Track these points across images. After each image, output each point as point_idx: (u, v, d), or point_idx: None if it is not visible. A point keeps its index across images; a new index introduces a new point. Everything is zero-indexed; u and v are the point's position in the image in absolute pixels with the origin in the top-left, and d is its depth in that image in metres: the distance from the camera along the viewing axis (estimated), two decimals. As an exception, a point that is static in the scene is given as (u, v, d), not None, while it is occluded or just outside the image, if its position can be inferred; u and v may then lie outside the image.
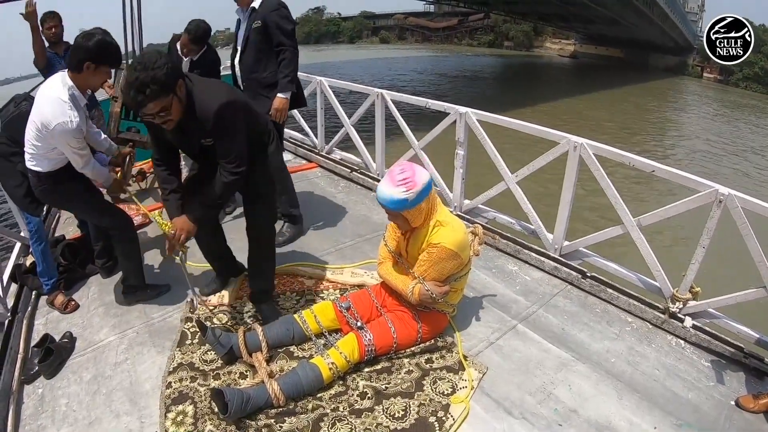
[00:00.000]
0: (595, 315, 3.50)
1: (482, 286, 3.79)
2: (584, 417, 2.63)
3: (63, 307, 3.64)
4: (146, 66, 2.45)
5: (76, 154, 3.10)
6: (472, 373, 2.87)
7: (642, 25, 42.62)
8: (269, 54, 4.17)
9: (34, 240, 3.68)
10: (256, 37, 4.13)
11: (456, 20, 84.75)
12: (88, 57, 2.92)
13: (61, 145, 3.01)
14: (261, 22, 4.08)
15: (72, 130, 2.92)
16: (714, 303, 3.30)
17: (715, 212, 3.12)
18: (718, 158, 19.62)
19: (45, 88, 3.02)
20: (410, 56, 62.78)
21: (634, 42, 50.65)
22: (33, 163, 3.11)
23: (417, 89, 33.60)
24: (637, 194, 12.08)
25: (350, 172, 6.04)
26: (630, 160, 3.55)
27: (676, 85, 41.53)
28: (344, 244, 4.44)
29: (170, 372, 2.96)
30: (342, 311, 3.13)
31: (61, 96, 2.92)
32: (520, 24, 69.32)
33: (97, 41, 2.92)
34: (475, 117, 4.54)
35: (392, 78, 41.71)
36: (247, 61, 4.23)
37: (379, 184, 2.83)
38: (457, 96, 29.55)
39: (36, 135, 2.98)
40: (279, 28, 4.08)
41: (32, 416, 2.77)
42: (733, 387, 2.90)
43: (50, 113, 2.89)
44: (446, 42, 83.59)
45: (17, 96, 3.57)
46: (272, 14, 4.06)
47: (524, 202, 4.33)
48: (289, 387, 2.69)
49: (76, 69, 2.96)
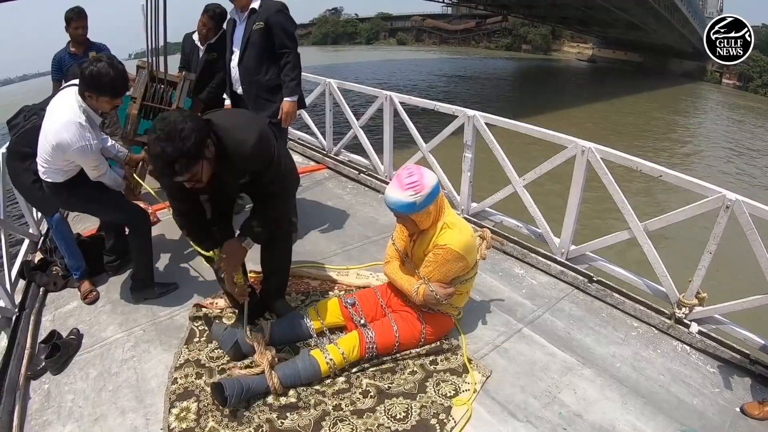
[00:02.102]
0: (601, 319, 3.49)
1: (488, 289, 3.79)
2: (589, 421, 2.62)
3: (85, 296, 3.70)
4: (171, 136, 2.27)
5: (93, 169, 3.19)
6: (476, 376, 2.87)
7: (661, 30, 42.09)
8: (271, 56, 4.06)
9: (57, 233, 3.73)
10: (258, 39, 4.00)
11: (473, 23, 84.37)
12: (85, 88, 3.00)
13: (80, 162, 3.11)
14: (263, 24, 3.95)
15: (91, 152, 3.03)
16: (720, 309, 3.29)
17: (722, 218, 3.11)
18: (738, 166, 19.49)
19: (59, 107, 3.06)
20: (427, 58, 62.66)
21: (653, 47, 50.13)
22: (47, 176, 3.18)
23: (432, 93, 33.59)
24: (644, 199, 12.08)
25: (358, 173, 6.04)
26: (638, 164, 3.54)
27: (695, 92, 40.80)
28: (351, 246, 4.44)
29: (176, 368, 2.98)
30: (347, 307, 3.14)
31: (78, 119, 2.98)
32: (539, 27, 69.04)
33: (89, 73, 2.96)
34: (483, 120, 4.53)
35: (408, 80, 41.77)
36: (249, 64, 4.09)
37: (387, 188, 2.84)
38: (472, 101, 29.37)
39: (51, 153, 3.04)
40: (283, 30, 3.99)
41: (38, 411, 2.79)
42: (739, 393, 2.88)
43: (68, 138, 2.95)
44: (463, 44, 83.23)
45: (26, 108, 3.61)
46: (276, 15, 3.96)
47: (531, 205, 4.33)
48: (288, 376, 2.74)
49: (81, 95, 3.04)
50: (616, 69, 52.13)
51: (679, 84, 42.70)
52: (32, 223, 4.77)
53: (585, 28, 56.89)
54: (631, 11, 38.05)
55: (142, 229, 3.58)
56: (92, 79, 2.96)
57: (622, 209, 3.65)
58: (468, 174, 4.75)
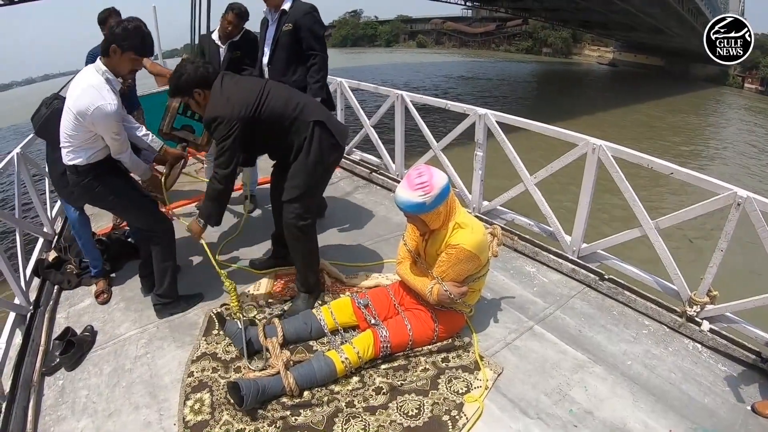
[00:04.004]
0: (613, 317, 3.48)
1: (500, 287, 3.79)
2: (600, 419, 2.62)
3: (97, 295, 3.73)
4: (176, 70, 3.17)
5: (114, 139, 3.09)
6: (487, 373, 2.88)
7: (685, 34, 41.33)
8: (299, 57, 4.17)
9: (76, 230, 3.79)
10: (287, 40, 4.12)
11: (494, 26, 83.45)
12: (113, 40, 2.93)
13: (101, 130, 3.01)
14: (292, 25, 4.06)
15: (112, 112, 2.94)
16: (732, 307, 3.27)
17: (734, 215, 3.10)
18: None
19: (78, 79, 3.02)
20: (447, 61, 62.37)
21: (675, 50, 49.12)
22: (70, 157, 3.09)
23: (452, 94, 33.54)
24: (655, 196, 12.03)
25: (370, 173, 6.06)
26: (648, 162, 3.53)
27: (718, 96, 39.82)
28: (363, 244, 4.46)
29: (193, 361, 3.03)
30: (360, 308, 3.16)
31: (98, 82, 2.94)
32: (559, 30, 68.50)
33: (123, 26, 2.94)
34: (494, 118, 4.54)
35: (427, 82, 41.81)
36: (278, 65, 4.22)
37: (397, 188, 2.85)
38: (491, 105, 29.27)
39: (73, 125, 2.98)
40: (311, 32, 4.09)
41: (52, 407, 2.83)
42: (750, 392, 2.86)
43: (88, 101, 2.89)
44: (484, 47, 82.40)
45: (46, 98, 3.59)
46: (305, 18, 4.06)
47: (543, 203, 4.32)
48: (303, 378, 2.74)
49: (104, 53, 2.98)
50: (638, 73, 51.15)
51: (702, 89, 41.66)
52: (46, 222, 4.83)
53: (607, 31, 56.14)
54: (654, 15, 37.53)
55: (166, 241, 3.49)
56: (123, 30, 2.93)
57: (633, 207, 3.64)
58: (479, 172, 4.75)
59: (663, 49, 51.31)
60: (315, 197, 3.49)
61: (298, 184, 3.26)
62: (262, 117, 3.14)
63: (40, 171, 5.39)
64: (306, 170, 3.25)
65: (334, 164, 3.48)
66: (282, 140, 3.26)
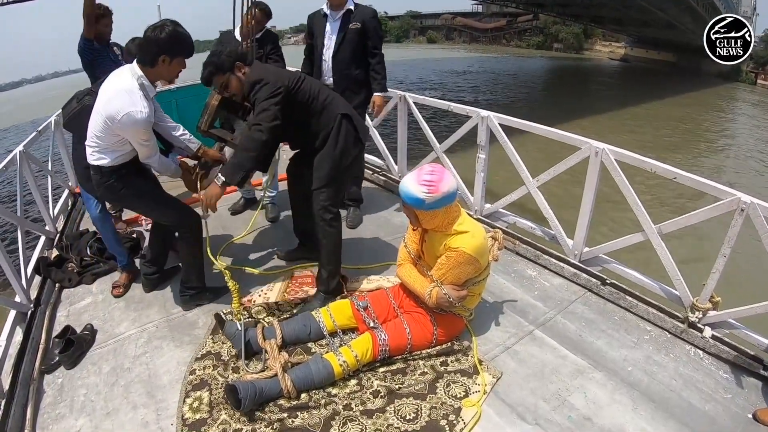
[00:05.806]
0: (614, 323, 3.46)
1: (500, 290, 3.78)
2: (599, 425, 2.61)
3: (114, 286, 3.80)
4: (212, 53, 3.29)
5: (142, 145, 3.08)
6: (486, 378, 2.87)
7: (698, 30, 41.15)
8: (361, 54, 4.56)
9: (98, 226, 3.86)
10: (354, 37, 4.48)
11: (504, 21, 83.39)
12: (162, 50, 2.89)
13: (129, 136, 3.00)
14: (360, 25, 4.45)
15: (142, 120, 2.89)
16: (734, 313, 3.25)
17: (737, 221, 3.07)
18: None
19: (112, 80, 3.00)
20: (457, 57, 62.26)
21: (687, 46, 48.78)
22: (95, 157, 3.08)
23: (462, 93, 33.48)
24: (659, 201, 11.97)
25: (372, 174, 6.05)
26: (652, 166, 3.50)
27: (732, 93, 38.88)
28: (363, 246, 4.46)
29: (197, 359, 3.03)
30: (359, 310, 3.15)
31: (131, 87, 2.91)
32: (570, 26, 68.25)
33: (169, 33, 2.88)
34: (497, 121, 4.52)
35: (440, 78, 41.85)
36: (343, 59, 4.55)
37: (406, 176, 2.86)
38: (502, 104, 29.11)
39: (102, 127, 2.95)
40: (376, 33, 4.57)
41: (51, 405, 2.83)
42: (751, 400, 2.84)
43: (119, 105, 2.86)
44: (494, 43, 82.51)
45: (79, 92, 3.56)
46: (372, 20, 4.50)
47: (545, 207, 4.30)
48: (301, 380, 2.74)
49: (150, 64, 2.94)
50: (650, 69, 50.44)
51: (715, 85, 40.82)
52: (48, 221, 4.84)
53: (620, 27, 56.01)
54: (668, 10, 37.53)
55: (194, 234, 3.47)
56: (173, 39, 2.90)
57: (636, 211, 3.61)
58: (481, 174, 4.73)
59: (675, 45, 51.00)
60: (340, 189, 3.62)
61: (326, 172, 3.40)
62: (299, 95, 3.29)
63: (42, 168, 5.40)
64: (333, 159, 3.40)
65: (357, 158, 3.61)
66: (309, 126, 3.40)
